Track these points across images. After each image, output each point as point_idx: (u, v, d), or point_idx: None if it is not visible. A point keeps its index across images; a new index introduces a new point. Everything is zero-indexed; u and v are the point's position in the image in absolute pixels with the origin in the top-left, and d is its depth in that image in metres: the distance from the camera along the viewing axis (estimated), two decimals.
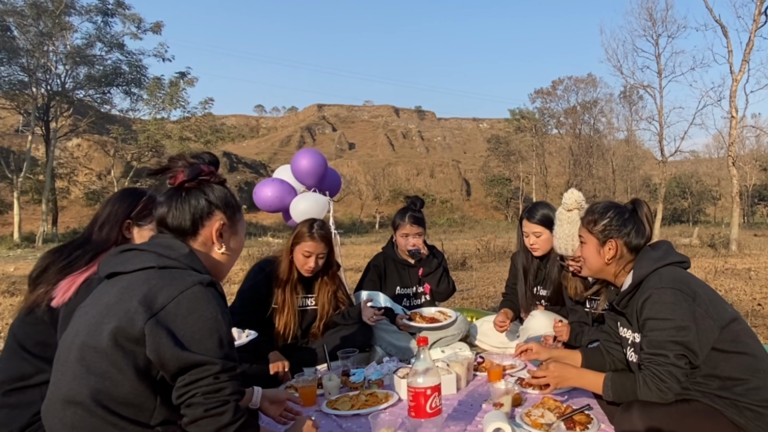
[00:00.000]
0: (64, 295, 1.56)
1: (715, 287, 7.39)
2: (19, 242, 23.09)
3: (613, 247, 1.81)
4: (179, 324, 1.18)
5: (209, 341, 1.20)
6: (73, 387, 1.17)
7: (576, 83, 44.85)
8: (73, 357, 1.19)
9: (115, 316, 1.18)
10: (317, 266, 2.76)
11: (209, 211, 1.38)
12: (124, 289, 1.22)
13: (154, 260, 1.26)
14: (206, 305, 1.21)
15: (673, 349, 1.59)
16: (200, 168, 1.40)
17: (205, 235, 1.39)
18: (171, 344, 1.15)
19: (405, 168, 55.21)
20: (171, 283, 1.21)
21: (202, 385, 1.17)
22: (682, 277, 1.70)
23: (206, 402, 1.17)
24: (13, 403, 1.56)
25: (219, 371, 1.19)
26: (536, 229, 2.89)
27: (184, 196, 1.37)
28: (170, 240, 1.34)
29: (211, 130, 31.00)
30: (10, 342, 1.64)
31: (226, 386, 1.20)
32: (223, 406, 1.19)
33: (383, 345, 3.02)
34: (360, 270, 5.46)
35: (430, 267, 3.25)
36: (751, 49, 17.06)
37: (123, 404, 1.17)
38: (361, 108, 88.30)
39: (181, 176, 1.38)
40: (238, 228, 1.47)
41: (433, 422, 1.70)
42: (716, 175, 46.98)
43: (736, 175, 17.93)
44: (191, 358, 1.17)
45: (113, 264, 1.30)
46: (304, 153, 4.10)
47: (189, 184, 1.38)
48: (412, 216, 3.18)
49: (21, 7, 22.99)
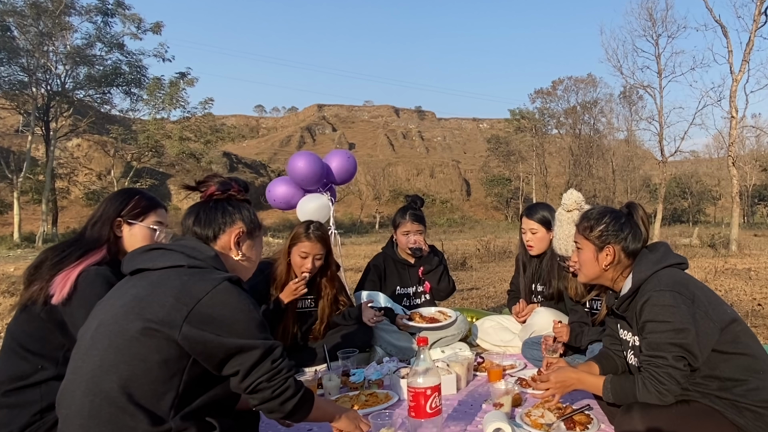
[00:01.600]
0: (62, 291, 1.56)
1: (715, 287, 7.43)
2: (19, 242, 23.07)
3: (610, 252, 1.80)
4: (217, 314, 1.26)
5: (250, 325, 1.29)
6: (98, 375, 1.21)
7: (576, 83, 44.85)
8: (101, 346, 1.24)
9: (148, 308, 1.24)
10: (314, 267, 2.76)
11: (232, 220, 1.50)
12: (155, 283, 1.29)
13: (183, 259, 1.34)
14: (238, 296, 1.30)
15: (672, 351, 1.58)
16: (231, 184, 1.54)
17: (224, 241, 1.49)
18: (214, 334, 1.24)
19: (405, 168, 55.20)
20: (202, 279, 1.29)
21: (262, 371, 1.29)
22: (681, 279, 1.70)
23: (270, 385, 1.30)
24: (12, 403, 1.56)
25: (267, 353, 1.30)
26: (533, 225, 2.96)
27: (212, 205, 1.51)
28: (196, 242, 1.43)
29: (211, 130, 31.01)
30: (7, 342, 1.64)
31: (283, 366, 1.33)
32: (285, 383, 1.33)
33: (383, 345, 3.02)
34: (360, 270, 5.46)
35: (431, 265, 3.26)
36: (751, 49, 17.06)
37: (146, 394, 1.21)
38: (361, 108, 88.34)
39: (213, 189, 1.53)
40: (256, 241, 1.58)
41: (433, 422, 1.70)
42: (716, 175, 46.95)
43: (736, 175, 17.92)
44: (236, 342, 1.26)
45: (140, 260, 1.36)
46: (298, 157, 4.10)
47: (218, 196, 1.52)
48: (412, 213, 3.20)
49: (21, 8, 22.96)
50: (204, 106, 30.13)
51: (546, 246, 2.98)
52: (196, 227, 1.48)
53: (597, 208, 1.91)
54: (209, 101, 30.19)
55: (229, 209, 1.51)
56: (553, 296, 3.00)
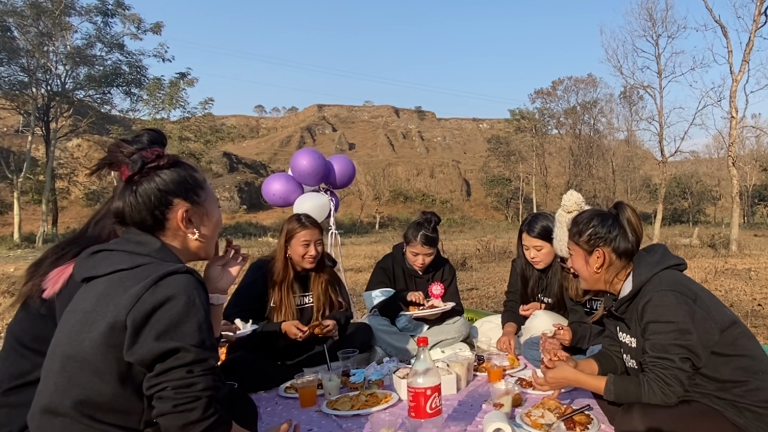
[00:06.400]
0: (54, 286, 1.55)
1: (715, 287, 7.43)
2: (19, 242, 23.08)
3: (600, 255, 1.80)
4: (155, 315, 1.12)
5: (185, 326, 1.13)
6: (54, 399, 1.14)
7: (576, 83, 44.88)
8: (55, 368, 1.16)
9: (94, 323, 1.14)
10: (318, 253, 2.80)
11: (166, 201, 1.28)
12: (100, 295, 1.17)
13: (125, 261, 1.20)
14: (181, 291, 1.15)
15: (678, 353, 1.59)
16: (143, 156, 1.27)
17: (173, 226, 1.30)
18: (148, 338, 1.11)
19: (405, 168, 55.19)
20: (145, 279, 1.15)
21: (173, 378, 1.12)
22: (682, 280, 1.70)
23: (176, 397, 1.11)
24: (12, 402, 1.55)
25: (192, 361, 1.13)
26: (537, 243, 2.84)
27: (135, 191, 1.27)
28: (140, 236, 1.27)
29: (211, 131, 30.97)
30: (8, 340, 1.63)
31: (199, 381, 1.14)
32: (193, 403, 1.13)
33: (383, 346, 3.02)
34: (360, 270, 5.52)
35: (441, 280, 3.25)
36: (751, 50, 17.07)
37: (109, 412, 1.14)
38: (361, 108, 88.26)
39: (126, 171, 1.27)
40: (207, 206, 1.37)
41: (433, 422, 1.70)
42: (716, 176, 46.96)
43: (736, 176, 17.93)
44: (165, 345, 1.11)
45: (87, 268, 1.25)
46: (302, 154, 4.10)
47: (137, 177, 1.27)
48: (424, 236, 3.09)
49: (21, 8, 22.97)
50: (204, 106, 30.12)
51: (552, 258, 2.89)
52: (131, 220, 1.28)
53: (586, 213, 1.92)
54: (209, 101, 30.19)
55: (156, 189, 1.27)
56: (555, 305, 2.97)
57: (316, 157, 4.04)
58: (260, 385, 2.56)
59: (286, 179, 4.18)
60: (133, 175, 1.26)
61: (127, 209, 1.27)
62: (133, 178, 1.27)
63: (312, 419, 2.13)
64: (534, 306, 3.00)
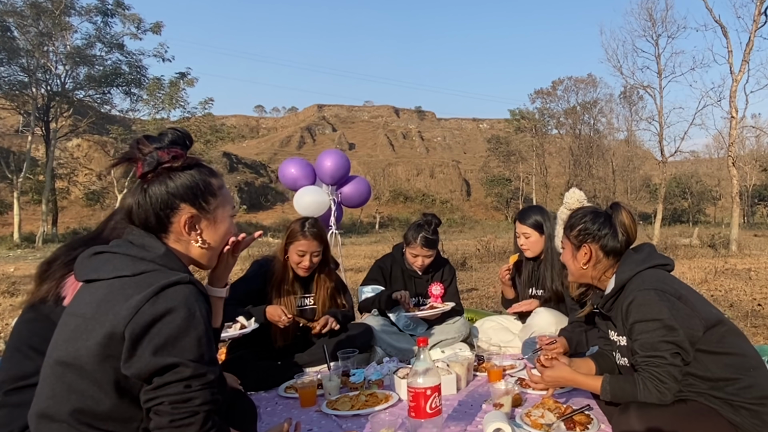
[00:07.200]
0: (73, 294, 1.55)
1: (715, 287, 7.43)
2: (19, 242, 23.07)
3: (587, 251, 1.83)
4: (154, 328, 1.10)
5: (184, 340, 1.11)
6: (51, 404, 1.12)
7: (576, 83, 44.88)
8: (52, 373, 1.15)
9: (92, 331, 1.11)
10: (312, 264, 2.76)
11: (172, 205, 1.25)
12: (100, 301, 1.15)
13: (128, 267, 1.17)
14: (182, 304, 1.12)
15: (668, 349, 1.60)
16: (159, 156, 1.24)
17: (176, 230, 1.27)
18: (146, 352, 1.09)
19: (405, 168, 55.20)
20: (146, 288, 1.13)
21: (170, 393, 1.10)
22: (665, 279, 1.72)
23: (173, 412, 1.10)
24: (14, 402, 1.55)
25: (190, 376, 1.11)
26: (526, 230, 2.97)
27: (145, 190, 1.25)
28: (144, 239, 1.24)
29: (211, 131, 30.93)
30: (12, 340, 1.63)
31: (196, 396, 1.12)
32: (191, 418, 1.11)
33: (383, 346, 3.02)
34: (360, 270, 5.53)
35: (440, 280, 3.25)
36: (751, 50, 17.06)
37: (107, 420, 1.12)
38: (361, 108, 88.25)
39: (141, 168, 1.25)
40: (215, 215, 1.32)
41: (433, 422, 1.70)
42: (716, 176, 46.94)
43: (736, 176, 17.93)
44: (163, 360, 1.09)
45: (89, 269, 1.22)
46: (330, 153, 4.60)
47: (151, 176, 1.25)
48: (424, 238, 3.10)
49: (21, 8, 22.98)
50: (204, 106, 30.08)
51: (540, 249, 2.97)
52: (137, 219, 1.26)
53: (582, 209, 1.95)
54: (209, 101, 30.15)
55: (165, 191, 1.24)
56: (550, 299, 2.99)
57: (341, 156, 4.38)
58: (260, 385, 2.56)
59: (303, 166, 4.46)
60: (146, 173, 1.25)
61: (135, 207, 1.26)
62: (147, 177, 1.25)
63: (312, 419, 2.14)
64: (526, 304, 3.02)
